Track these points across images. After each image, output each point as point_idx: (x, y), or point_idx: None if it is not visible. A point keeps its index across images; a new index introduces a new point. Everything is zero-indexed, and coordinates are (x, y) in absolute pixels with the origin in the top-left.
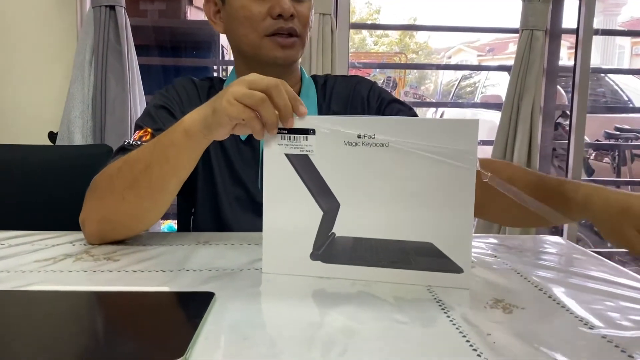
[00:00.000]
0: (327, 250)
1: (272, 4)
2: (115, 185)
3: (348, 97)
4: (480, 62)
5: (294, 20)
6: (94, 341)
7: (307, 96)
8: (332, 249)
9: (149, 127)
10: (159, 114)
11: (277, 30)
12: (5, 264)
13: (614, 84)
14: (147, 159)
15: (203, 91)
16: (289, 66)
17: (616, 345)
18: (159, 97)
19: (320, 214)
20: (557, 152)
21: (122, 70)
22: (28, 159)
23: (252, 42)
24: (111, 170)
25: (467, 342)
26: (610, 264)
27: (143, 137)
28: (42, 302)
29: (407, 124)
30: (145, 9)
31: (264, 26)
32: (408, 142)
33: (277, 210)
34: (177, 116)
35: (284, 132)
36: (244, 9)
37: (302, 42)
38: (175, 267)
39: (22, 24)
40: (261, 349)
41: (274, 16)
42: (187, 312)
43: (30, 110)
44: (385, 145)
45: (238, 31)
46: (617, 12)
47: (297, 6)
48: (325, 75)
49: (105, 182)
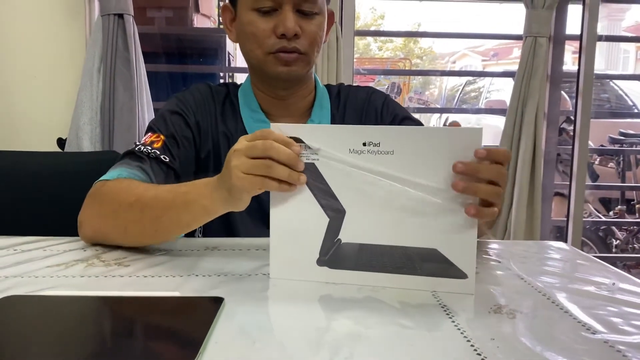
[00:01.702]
0: (333, 256)
1: (277, 22)
2: (120, 214)
3: (362, 108)
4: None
5: (299, 39)
6: (106, 345)
7: (320, 106)
8: (338, 255)
9: (162, 133)
10: (173, 119)
11: (280, 49)
12: (18, 270)
13: (618, 89)
14: (160, 211)
15: (219, 97)
16: (294, 81)
17: (618, 350)
18: (175, 102)
19: (327, 220)
20: (561, 158)
21: (130, 78)
22: (37, 165)
23: (257, 57)
24: (120, 195)
25: (472, 346)
26: (613, 270)
27: (155, 143)
28: (54, 306)
29: (411, 132)
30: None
31: (269, 44)
32: (413, 150)
33: (283, 216)
34: (190, 123)
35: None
36: (250, 24)
37: (307, 58)
38: (185, 273)
39: (32, 33)
40: (270, 353)
41: (278, 35)
42: (197, 317)
43: (39, 117)
44: (390, 153)
45: (246, 45)
46: (622, 17)
47: (305, 24)
48: (339, 85)
49: (111, 204)
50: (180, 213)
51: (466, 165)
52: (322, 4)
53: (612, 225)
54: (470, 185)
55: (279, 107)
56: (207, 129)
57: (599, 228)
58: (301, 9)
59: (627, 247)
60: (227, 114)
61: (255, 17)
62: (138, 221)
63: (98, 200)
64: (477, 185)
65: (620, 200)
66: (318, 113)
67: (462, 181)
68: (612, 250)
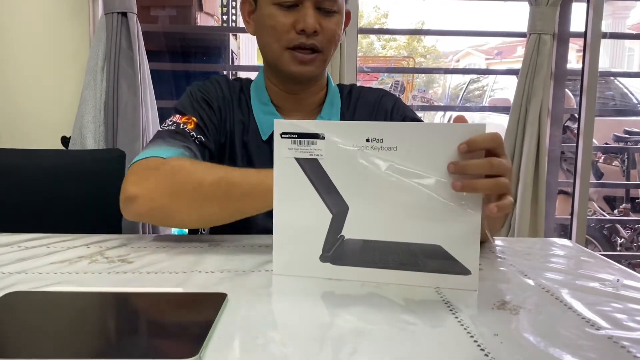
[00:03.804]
0: (337, 253)
1: (297, 18)
2: (201, 193)
3: (372, 109)
4: (488, 65)
5: (317, 36)
6: (109, 341)
7: (331, 103)
8: (342, 251)
9: (192, 115)
10: (200, 104)
11: (299, 45)
12: (22, 266)
13: (623, 87)
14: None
15: (235, 89)
16: (308, 79)
17: (622, 346)
18: (197, 89)
19: (330, 216)
20: (565, 156)
21: (134, 76)
22: (41, 163)
23: (274, 51)
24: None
25: (475, 342)
26: (617, 267)
27: (188, 124)
28: (58, 302)
29: (415, 128)
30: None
31: (287, 38)
32: (416, 146)
33: (287, 212)
34: (214, 109)
35: (294, 136)
36: (270, 18)
37: (324, 57)
38: (188, 269)
39: (36, 31)
40: (273, 349)
41: (297, 30)
42: (200, 313)
43: (43, 115)
44: (393, 149)
45: (263, 38)
46: (626, 15)
47: (324, 21)
48: (351, 85)
49: (187, 182)
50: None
51: (455, 164)
52: (341, 2)
53: (616, 224)
54: (468, 183)
55: (290, 102)
56: (226, 116)
57: (603, 226)
58: (322, 6)
59: (631, 245)
60: (241, 106)
61: (276, 10)
62: (221, 200)
63: (165, 177)
64: (475, 181)
65: (625, 198)
66: (328, 110)
67: (459, 180)
68: (617, 249)
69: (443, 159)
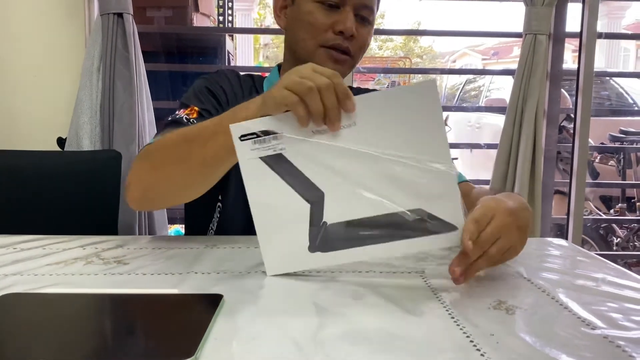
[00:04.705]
0: (323, 240)
1: (337, 19)
2: (167, 157)
3: None
4: (484, 65)
5: (353, 41)
6: (106, 342)
7: None
8: (328, 237)
9: (196, 106)
10: (205, 95)
11: (334, 45)
12: (17, 268)
13: (619, 87)
14: (203, 137)
15: (246, 86)
16: None
17: (618, 346)
18: (204, 80)
19: (308, 206)
20: (561, 156)
21: (130, 77)
22: (37, 165)
23: (308, 47)
24: (167, 142)
25: (471, 342)
26: (613, 266)
27: (190, 115)
28: (53, 304)
29: (367, 100)
30: (152, 15)
31: (324, 37)
32: (373, 117)
33: (265, 213)
34: (221, 101)
35: (253, 136)
36: (310, 14)
37: (353, 62)
38: (184, 270)
39: (31, 32)
40: (268, 349)
41: (335, 31)
42: (196, 314)
43: (39, 116)
44: (352, 126)
45: (298, 33)
46: (622, 15)
47: (360, 28)
48: (357, 88)
49: (160, 152)
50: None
51: (459, 263)
52: (374, 16)
53: (612, 223)
54: (471, 270)
55: None
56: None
57: (599, 226)
58: (360, 13)
59: (627, 245)
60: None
61: (316, 8)
62: (187, 155)
63: (145, 157)
64: (476, 263)
65: (620, 198)
66: None
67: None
68: (613, 248)
69: (402, 123)
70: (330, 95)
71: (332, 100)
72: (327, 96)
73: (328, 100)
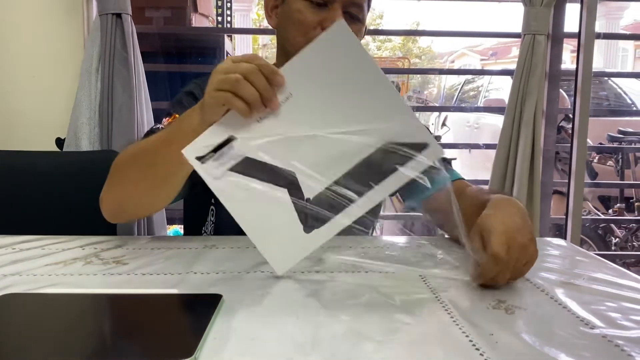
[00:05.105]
0: (314, 216)
1: (326, 17)
2: (128, 172)
3: None
4: (483, 66)
5: None
6: (105, 342)
7: None
8: (316, 212)
9: (177, 114)
10: (190, 102)
11: None
12: (16, 268)
13: (617, 87)
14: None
15: None
16: None
17: (616, 345)
18: (193, 85)
19: (286, 192)
20: (560, 156)
21: (129, 77)
22: (36, 165)
23: (298, 45)
24: (126, 157)
25: (470, 342)
26: (612, 266)
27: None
28: (52, 304)
29: (292, 66)
30: (150, 16)
31: (313, 35)
32: (303, 78)
33: (249, 216)
34: None
35: (210, 155)
36: (299, 12)
37: None
38: (183, 270)
39: (30, 33)
40: (268, 349)
41: (324, 29)
42: (195, 314)
43: (37, 117)
44: (290, 97)
45: (288, 32)
46: (620, 15)
47: (351, 25)
48: None
49: (120, 166)
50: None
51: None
52: (365, 14)
53: (611, 223)
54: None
55: None
56: None
57: (598, 226)
58: (349, 11)
59: (626, 245)
60: None
61: (304, 6)
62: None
63: (113, 172)
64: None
65: (619, 198)
66: None
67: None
68: (612, 248)
69: (331, 72)
70: (258, 77)
71: (262, 81)
72: (255, 79)
73: (258, 83)
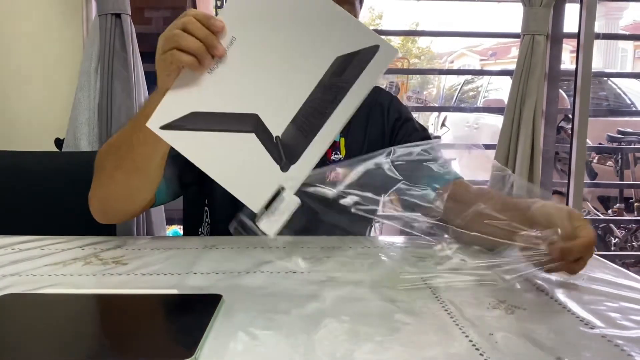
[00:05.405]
0: (287, 152)
1: None
2: (105, 166)
3: (370, 105)
4: (482, 66)
5: None
6: (105, 342)
7: None
8: (288, 148)
9: None
10: None
11: None
12: (16, 268)
13: (616, 88)
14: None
15: None
16: None
17: (616, 345)
18: None
19: (252, 135)
20: (559, 156)
21: (128, 77)
22: (35, 165)
23: None
24: (103, 151)
25: (470, 341)
26: (611, 266)
27: None
28: (53, 304)
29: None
30: (150, 16)
31: None
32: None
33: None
34: None
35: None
36: None
37: None
38: (183, 270)
39: (29, 33)
40: (268, 349)
41: None
42: (196, 314)
43: (37, 117)
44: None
45: None
46: (619, 15)
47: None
48: None
49: (99, 162)
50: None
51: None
52: (357, 10)
53: (610, 224)
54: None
55: None
56: None
57: (597, 226)
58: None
59: (625, 245)
60: None
61: None
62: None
63: (94, 171)
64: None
65: (618, 198)
66: None
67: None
68: (611, 249)
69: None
70: (196, 26)
71: (201, 30)
72: (194, 29)
73: (198, 32)
